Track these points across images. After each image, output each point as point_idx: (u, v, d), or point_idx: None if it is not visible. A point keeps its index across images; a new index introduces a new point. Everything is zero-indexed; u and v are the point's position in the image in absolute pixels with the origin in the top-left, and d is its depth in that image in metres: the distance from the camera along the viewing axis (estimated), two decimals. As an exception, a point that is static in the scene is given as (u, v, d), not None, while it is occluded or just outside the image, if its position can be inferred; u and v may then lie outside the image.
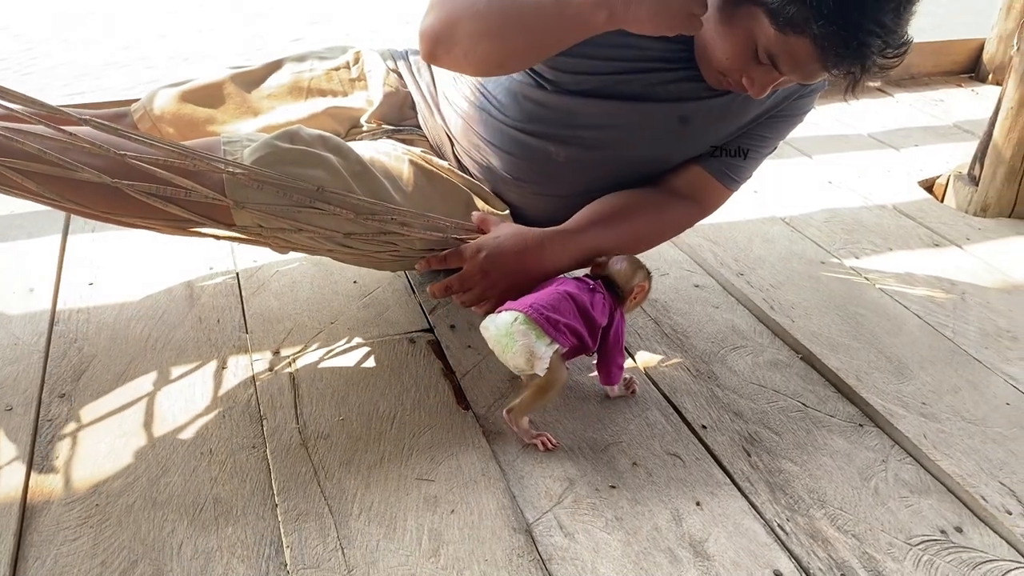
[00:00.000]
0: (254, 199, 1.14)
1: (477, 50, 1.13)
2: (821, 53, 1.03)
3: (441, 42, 1.14)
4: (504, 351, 1.14)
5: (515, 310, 1.15)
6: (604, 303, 1.20)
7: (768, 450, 1.22)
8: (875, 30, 1.00)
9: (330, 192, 1.16)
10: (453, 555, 1.02)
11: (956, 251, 1.83)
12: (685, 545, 1.05)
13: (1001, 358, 1.45)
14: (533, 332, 1.12)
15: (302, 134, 1.19)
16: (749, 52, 1.09)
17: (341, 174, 1.17)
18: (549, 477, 1.15)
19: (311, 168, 1.15)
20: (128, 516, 1.05)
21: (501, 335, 1.14)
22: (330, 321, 1.44)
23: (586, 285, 1.20)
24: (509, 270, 1.23)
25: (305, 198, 1.15)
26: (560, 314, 1.14)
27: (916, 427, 1.27)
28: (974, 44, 3.02)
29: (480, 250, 1.24)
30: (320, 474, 1.13)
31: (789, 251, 1.77)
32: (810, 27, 1.00)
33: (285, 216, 1.16)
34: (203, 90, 1.45)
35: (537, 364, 1.13)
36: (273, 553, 1.01)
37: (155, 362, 1.33)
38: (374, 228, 1.20)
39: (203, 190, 1.11)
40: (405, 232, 1.23)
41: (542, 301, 1.15)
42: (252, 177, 1.12)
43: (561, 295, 1.16)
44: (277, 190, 1.14)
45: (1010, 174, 1.95)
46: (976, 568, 1.04)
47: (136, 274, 1.55)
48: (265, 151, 1.14)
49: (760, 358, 1.42)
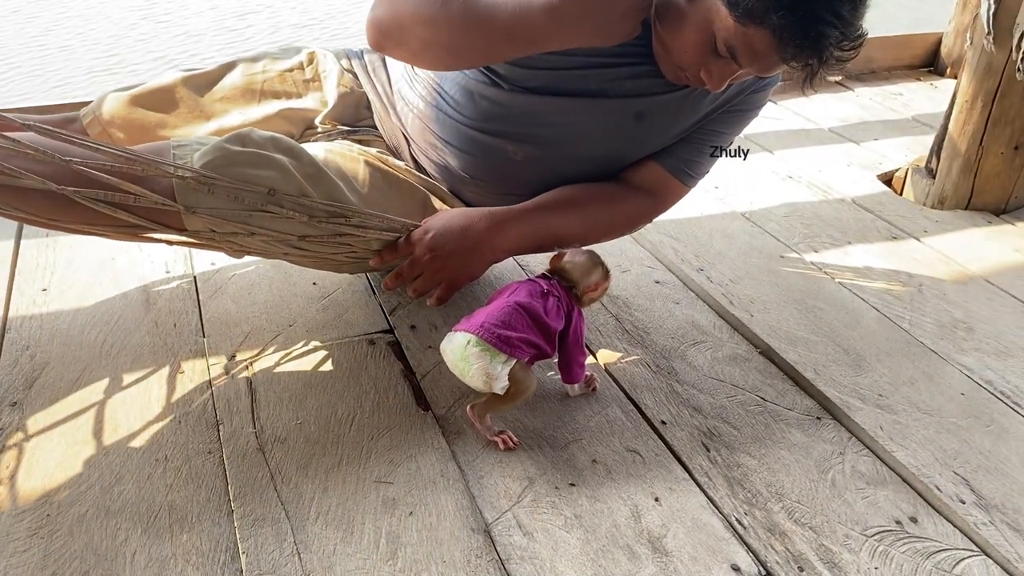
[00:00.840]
0: (205, 203, 1.12)
1: (426, 54, 1.16)
2: (780, 45, 1.04)
3: (389, 38, 1.15)
4: (463, 374, 1.16)
5: (467, 331, 1.15)
6: (558, 306, 1.19)
7: (727, 444, 1.22)
8: (833, 21, 1.01)
9: (283, 195, 1.14)
10: (411, 557, 1.01)
11: (914, 244, 1.85)
12: (644, 541, 1.06)
13: (956, 349, 1.47)
14: (488, 353, 1.13)
15: (253, 136, 1.18)
16: (708, 45, 1.10)
17: (294, 176, 1.16)
18: (508, 476, 1.15)
19: (263, 170, 1.14)
20: (80, 526, 1.04)
21: (457, 359, 1.15)
22: (288, 324, 1.43)
23: (539, 289, 1.20)
24: (456, 248, 1.24)
25: (257, 201, 1.13)
26: (513, 329, 1.14)
27: (873, 419, 1.28)
28: (932, 38, 3.05)
29: (427, 231, 1.24)
30: (277, 478, 1.12)
31: (749, 246, 1.78)
32: (769, 18, 1.01)
33: (237, 220, 1.14)
34: (154, 94, 1.43)
35: (495, 384, 1.14)
36: (228, 559, 1.00)
37: (110, 368, 1.31)
38: (329, 230, 1.19)
39: (152, 195, 1.09)
40: (361, 233, 1.22)
41: (493, 319, 1.15)
42: (202, 181, 1.10)
43: (512, 308, 1.16)
44: (228, 194, 1.12)
45: (965, 167, 1.98)
46: (930, 557, 1.06)
47: (91, 279, 1.53)
48: (215, 154, 1.13)
49: (719, 353, 1.43)
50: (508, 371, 1.14)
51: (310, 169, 1.19)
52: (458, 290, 1.31)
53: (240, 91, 1.45)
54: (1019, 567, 1.04)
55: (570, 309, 1.21)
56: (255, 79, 1.47)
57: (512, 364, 1.14)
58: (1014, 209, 2.03)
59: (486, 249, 1.26)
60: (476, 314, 1.18)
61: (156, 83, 1.44)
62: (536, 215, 1.29)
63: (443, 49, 1.14)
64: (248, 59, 1.50)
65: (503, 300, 1.18)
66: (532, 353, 1.16)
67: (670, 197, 1.37)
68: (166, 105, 1.43)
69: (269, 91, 1.46)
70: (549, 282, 1.22)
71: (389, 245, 1.26)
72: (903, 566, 1.04)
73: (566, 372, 1.26)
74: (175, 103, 1.43)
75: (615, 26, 1.08)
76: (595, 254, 1.26)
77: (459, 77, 1.29)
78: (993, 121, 1.93)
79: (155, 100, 1.43)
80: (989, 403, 1.34)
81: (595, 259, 1.25)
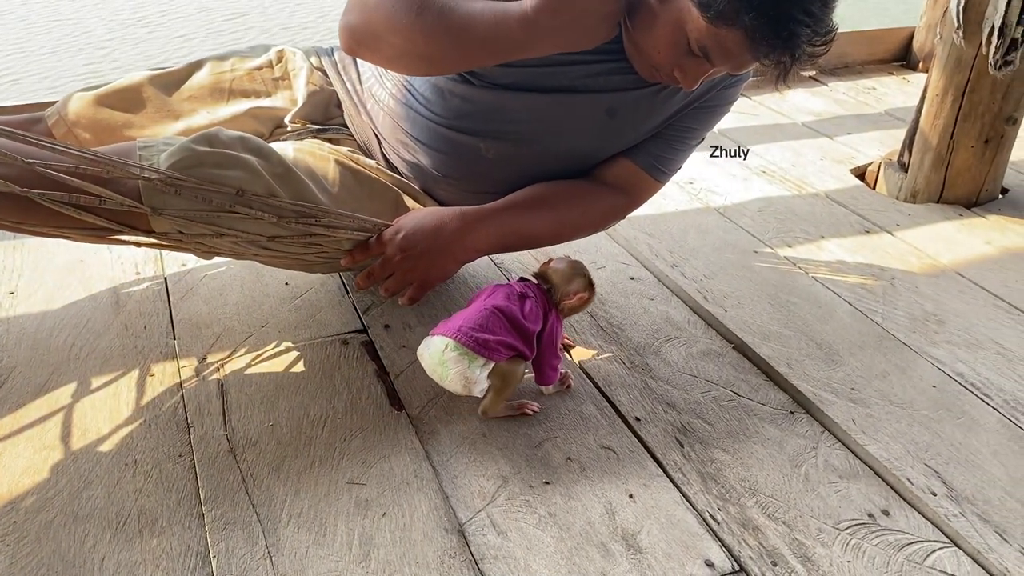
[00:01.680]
0: (172, 205, 1.11)
1: (400, 61, 1.16)
2: (752, 44, 1.04)
3: (363, 44, 1.14)
4: (441, 379, 1.16)
5: (444, 335, 1.15)
6: (536, 308, 1.20)
7: (701, 440, 1.23)
8: (804, 19, 1.01)
9: (251, 195, 1.13)
10: (384, 559, 1.01)
11: (887, 237, 1.86)
12: (618, 539, 1.05)
13: (928, 341, 1.48)
14: (466, 358, 1.13)
15: (221, 136, 1.16)
16: (681, 45, 1.10)
17: (262, 176, 1.15)
18: (483, 476, 1.14)
19: (230, 171, 1.13)
20: (47, 532, 1.02)
21: (436, 364, 1.16)
22: (260, 324, 1.42)
23: (515, 292, 1.20)
24: (428, 248, 1.23)
25: (225, 202, 1.12)
26: (490, 332, 1.14)
27: (845, 412, 1.29)
28: (905, 33, 3.08)
29: (399, 231, 1.23)
30: (248, 481, 1.11)
31: (723, 241, 1.79)
32: (740, 19, 1.01)
33: (205, 221, 1.13)
34: (120, 93, 1.41)
35: (473, 388, 1.15)
36: (199, 563, 0.99)
37: (78, 372, 1.29)
38: (299, 230, 1.18)
39: (118, 197, 1.08)
40: (331, 233, 1.21)
41: (470, 323, 1.15)
42: (168, 182, 1.09)
43: (489, 312, 1.16)
44: (196, 195, 1.11)
45: (937, 161, 2.00)
46: (902, 550, 1.06)
47: (59, 282, 1.51)
48: (182, 155, 1.11)
49: (694, 349, 1.43)
50: (487, 374, 1.14)
51: (279, 169, 1.18)
52: (430, 289, 1.30)
53: (208, 90, 1.44)
54: (989, 558, 1.05)
55: (547, 311, 1.21)
56: (223, 78, 1.45)
57: (490, 367, 1.15)
58: (985, 202, 2.04)
59: (457, 248, 1.25)
60: (453, 318, 1.18)
61: (122, 82, 1.42)
62: (508, 214, 1.28)
63: (418, 57, 1.13)
64: (216, 57, 1.48)
65: (480, 303, 1.18)
66: (510, 355, 1.17)
67: (642, 193, 1.36)
68: (133, 105, 1.41)
69: (238, 90, 1.45)
70: (527, 284, 1.22)
71: (360, 245, 1.26)
72: (875, 559, 1.05)
73: (539, 374, 1.26)
74: (142, 103, 1.41)
75: (591, 34, 1.08)
76: (580, 265, 1.27)
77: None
78: (963, 115, 1.95)
79: (121, 100, 1.41)
80: (960, 395, 1.35)
81: (578, 269, 1.26)
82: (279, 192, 1.16)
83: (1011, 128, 1.97)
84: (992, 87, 1.90)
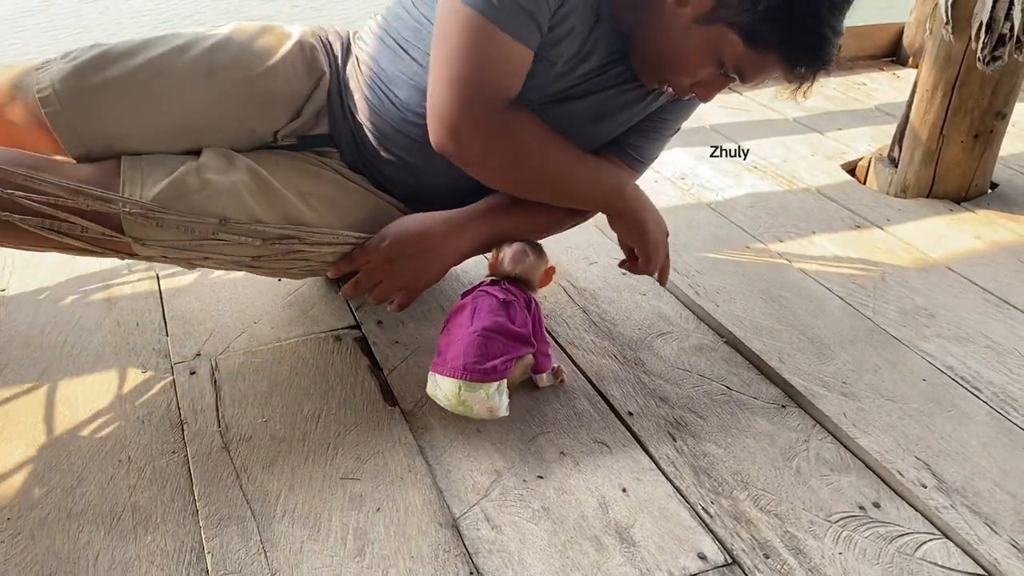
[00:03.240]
0: (154, 236, 1.13)
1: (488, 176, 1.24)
2: (788, 62, 1.09)
3: (462, 152, 1.17)
4: (467, 414, 1.19)
5: (453, 379, 1.16)
6: (519, 308, 1.22)
7: (693, 434, 1.23)
8: (832, 36, 1.07)
9: (234, 223, 1.14)
10: (378, 553, 1.01)
11: (877, 232, 1.87)
12: (611, 532, 1.06)
13: (919, 335, 1.49)
14: (481, 390, 1.16)
15: (208, 162, 1.17)
16: (716, 66, 1.13)
17: (246, 202, 1.16)
18: (476, 470, 1.14)
19: (213, 200, 1.14)
20: (41, 529, 1.02)
21: (455, 405, 1.18)
22: (253, 321, 1.42)
23: (497, 301, 1.21)
24: (413, 255, 1.24)
25: (208, 230, 1.14)
26: (491, 356, 1.17)
27: (836, 406, 1.29)
28: (895, 28, 3.09)
29: (384, 238, 1.24)
30: (242, 477, 1.11)
31: (715, 236, 1.80)
32: (779, 41, 1.07)
33: (189, 249, 1.15)
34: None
35: (499, 411, 1.18)
36: (194, 559, 0.99)
37: (71, 369, 1.29)
38: (283, 250, 1.19)
39: (99, 228, 1.11)
40: (316, 249, 1.22)
41: (470, 357, 1.16)
42: (150, 216, 1.10)
43: (482, 337, 1.17)
44: (178, 226, 1.12)
45: (927, 156, 2.01)
46: (893, 542, 1.07)
47: (51, 279, 1.50)
48: (167, 188, 1.12)
49: (686, 343, 1.44)
50: (505, 392, 1.18)
51: (263, 188, 1.19)
52: (418, 295, 1.32)
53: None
54: (979, 549, 1.06)
55: (528, 304, 1.23)
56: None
57: (503, 383, 1.18)
58: (974, 197, 2.05)
59: (443, 253, 1.27)
60: (448, 349, 1.19)
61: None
62: (492, 216, 1.29)
63: (510, 183, 1.26)
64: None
65: (468, 331, 1.19)
66: (515, 360, 1.20)
67: None
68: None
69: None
70: (500, 287, 1.23)
71: (346, 255, 1.26)
72: (866, 550, 1.06)
73: (534, 362, 1.26)
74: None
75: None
76: (527, 248, 1.28)
77: (420, 96, 1.26)
78: (953, 110, 1.96)
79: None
80: (950, 388, 1.36)
81: (530, 251, 1.28)
82: (263, 217, 1.17)
83: (1000, 123, 1.98)
84: (981, 82, 1.91)
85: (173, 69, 1.21)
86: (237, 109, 1.24)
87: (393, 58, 1.25)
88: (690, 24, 1.10)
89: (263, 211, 1.18)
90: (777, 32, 1.05)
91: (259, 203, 1.18)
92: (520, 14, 1.07)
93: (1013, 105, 1.97)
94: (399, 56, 1.24)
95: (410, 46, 1.23)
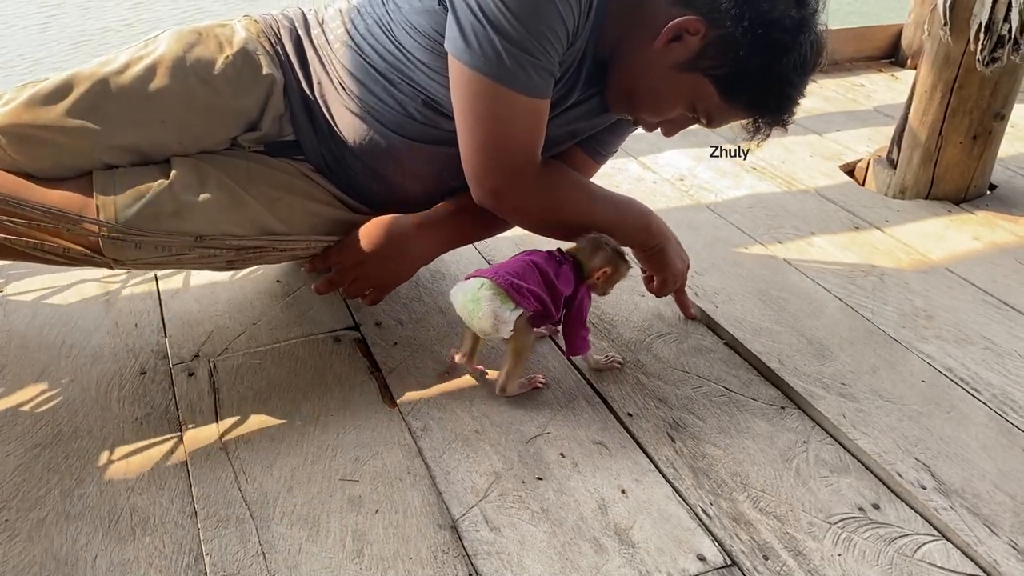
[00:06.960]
0: (132, 256, 1.17)
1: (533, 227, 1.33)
2: (756, 114, 1.18)
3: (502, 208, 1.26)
4: (471, 316, 1.20)
5: (481, 276, 1.20)
6: (570, 275, 1.25)
7: (692, 435, 1.23)
8: (797, 99, 1.17)
9: (209, 239, 1.18)
10: (377, 555, 1.01)
11: (876, 233, 1.87)
12: (610, 534, 1.06)
13: (918, 337, 1.49)
14: (498, 297, 1.18)
15: (179, 179, 1.17)
16: (688, 110, 1.20)
17: (220, 218, 1.18)
18: (475, 472, 1.14)
19: (188, 220, 1.17)
20: (40, 531, 1.02)
21: (468, 300, 1.19)
22: (252, 322, 1.42)
23: (553, 258, 1.26)
24: (384, 255, 1.27)
25: (185, 246, 1.18)
26: (524, 280, 1.20)
27: (836, 407, 1.29)
28: (893, 30, 3.09)
29: (354, 239, 1.28)
30: (241, 479, 1.11)
31: (714, 237, 1.80)
32: (750, 98, 1.15)
33: (166, 263, 1.21)
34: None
35: (502, 328, 1.18)
36: (192, 561, 0.99)
37: (69, 370, 1.29)
38: (256, 256, 1.25)
39: (78, 249, 1.13)
40: (288, 253, 1.28)
41: (508, 268, 1.21)
42: (127, 239, 1.14)
43: (527, 264, 1.22)
44: (155, 245, 1.16)
45: (925, 157, 2.01)
46: (892, 543, 1.07)
47: (49, 279, 1.50)
48: (141, 209, 1.14)
49: (685, 344, 1.44)
50: (515, 318, 1.18)
51: (236, 203, 1.21)
52: (389, 292, 1.36)
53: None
54: (978, 550, 1.06)
55: (579, 283, 1.27)
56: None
57: (519, 313, 1.19)
58: (973, 198, 2.06)
59: (413, 253, 1.31)
60: (491, 267, 1.24)
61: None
62: (460, 216, 1.33)
63: (545, 228, 1.33)
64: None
65: (519, 257, 1.25)
66: (538, 309, 1.21)
67: (584, 176, 1.40)
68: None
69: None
70: (563, 254, 1.28)
71: (319, 255, 1.30)
72: (865, 552, 1.05)
73: (569, 344, 1.30)
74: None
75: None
76: (600, 240, 1.29)
77: (402, 101, 1.26)
78: (952, 111, 1.96)
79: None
80: (949, 390, 1.36)
81: (598, 243, 1.29)
82: (236, 231, 1.20)
83: (999, 124, 1.98)
84: (980, 83, 1.91)
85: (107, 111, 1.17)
86: (189, 126, 1.22)
87: (374, 85, 1.25)
88: (670, 69, 1.15)
89: (237, 226, 1.20)
90: (750, 88, 1.13)
91: (232, 219, 1.20)
92: (532, 70, 1.10)
93: (1012, 106, 1.98)
94: (380, 83, 1.25)
95: (394, 75, 1.23)
